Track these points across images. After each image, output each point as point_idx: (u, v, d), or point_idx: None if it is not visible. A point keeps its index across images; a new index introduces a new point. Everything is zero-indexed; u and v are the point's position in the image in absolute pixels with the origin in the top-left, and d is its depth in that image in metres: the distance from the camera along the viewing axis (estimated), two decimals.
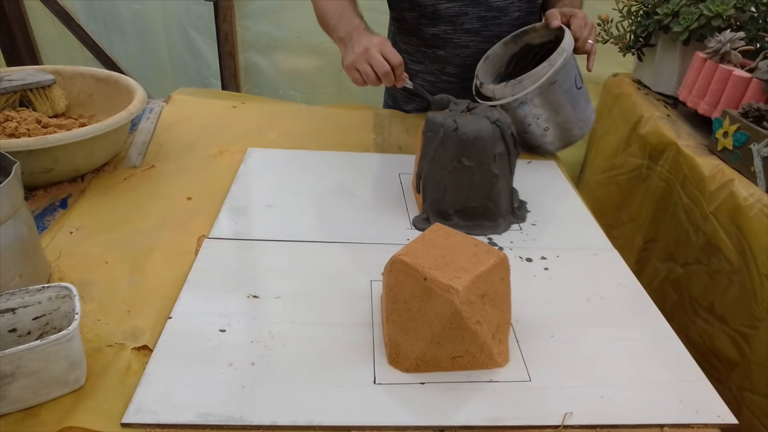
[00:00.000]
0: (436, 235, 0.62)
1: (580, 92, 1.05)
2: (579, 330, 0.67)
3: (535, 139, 1.07)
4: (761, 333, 0.87)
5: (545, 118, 1.03)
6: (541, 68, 0.97)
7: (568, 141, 1.09)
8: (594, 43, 1.02)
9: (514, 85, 0.98)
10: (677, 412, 0.57)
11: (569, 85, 1.02)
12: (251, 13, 2.09)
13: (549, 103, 1.01)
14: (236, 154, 1.03)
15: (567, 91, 1.01)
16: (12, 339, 0.56)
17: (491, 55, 1.09)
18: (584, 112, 1.07)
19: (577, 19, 1.00)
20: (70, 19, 2.10)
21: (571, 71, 1.01)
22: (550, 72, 0.96)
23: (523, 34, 1.08)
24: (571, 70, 1.02)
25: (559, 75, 0.98)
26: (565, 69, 0.99)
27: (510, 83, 0.99)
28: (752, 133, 0.96)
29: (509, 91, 0.99)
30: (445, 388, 0.58)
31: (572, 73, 1.02)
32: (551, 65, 0.96)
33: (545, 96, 1.00)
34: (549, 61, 0.96)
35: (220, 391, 0.56)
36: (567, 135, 1.07)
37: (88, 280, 0.69)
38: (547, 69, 0.96)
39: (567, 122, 1.05)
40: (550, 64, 0.96)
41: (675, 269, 1.11)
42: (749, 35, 1.18)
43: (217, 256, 0.76)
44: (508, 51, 1.10)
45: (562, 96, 1.01)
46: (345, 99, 2.13)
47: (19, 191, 0.62)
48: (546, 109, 1.02)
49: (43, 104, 0.99)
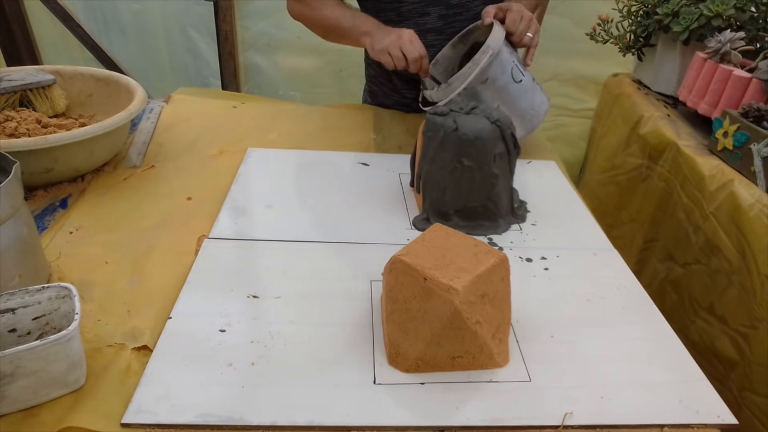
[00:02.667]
0: (436, 235, 0.62)
1: (521, 85, 1.02)
2: (579, 330, 0.67)
3: None
4: (761, 333, 0.87)
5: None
6: (467, 68, 0.96)
7: (523, 133, 1.05)
8: (534, 35, 1.01)
9: (445, 89, 0.98)
10: (677, 412, 0.57)
11: (505, 81, 0.99)
12: (251, 13, 2.09)
13: (487, 101, 0.99)
14: (236, 154, 1.03)
15: (503, 87, 0.99)
16: (12, 339, 0.56)
17: (441, 59, 1.09)
18: (531, 101, 1.04)
19: (512, 13, 0.99)
20: (70, 19, 2.09)
21: (505, 66, 0.99)
22: (476, 71, 0.95)
23: (469, 34, 1.07)
24: (506, 65, 0.99)
25: (490, 72, 0.96)
26: (496, 65, 0.97)
27: (441, 87, 0.98)
28: (752, 133, 0.96)
29: (441, 94, 0.99)
30: (445, 388, 0.58)
31: (507, 68, 0.99)
32: (476, 64, 0.95)
33: (479, 95, 0.98)
34: (474, 61, 0.95)
35: (220, 392, 0.56)
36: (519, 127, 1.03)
37: (88, 280, 0.69)
38: (473, 68, 0.95)
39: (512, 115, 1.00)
40: (475, 63, 0.95)
41: (675, 269, 1.11)
42: (749, 35, 1.18)
43: (217, 256, 0.76)
44: (458, 52, 1.10)
45: (498, 92, 0.99)
46: (345, 99, 2.13)
47: (19, 191, 0.62)
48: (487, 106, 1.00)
49: (43, 104, 0.99)
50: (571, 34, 1.81)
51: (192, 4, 2.09)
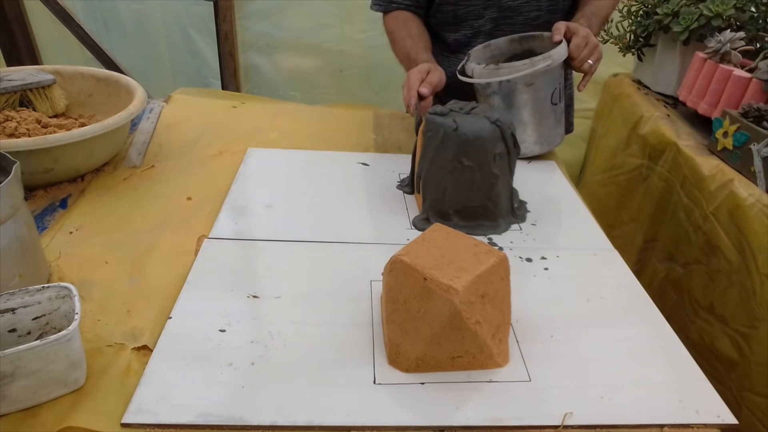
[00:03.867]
0: (436, 235, 0.62)
1: (554, 109, 1.03)
2: (579, 330, 0.67)
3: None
4: (761, 333, 0.87)
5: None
6: (522, 64, 0.95)
7: (537, 150, 1.06)
8: (594, 63, 1.00)
9: (492, 70, 0.97)
10: (677, 412, 0.57)
11: (545, 96, 1.00)
12: (251, 13, 2.09)
13: (517, 104, 0.99)
14: (236, 154, 1.03)
15: (540, 100, 1.00)
16: (12, 339, 0.56)
17: (493, 45, 1.09)
18: (551, 130, 1.05)
19: (577, 38, 0.99)
20: (70, 19, 2.09)
21: (553, 82, 1.00)
22: (529, 70, 0.95)
23: (530, 39, 1.07)
24: (554, 82, 1.00)
25: (538, 79, 0.97)
26: (547, 76, 0.97)
27: (489, 67, 0.98)
28: (752, 133, 0.96)
29: (486, 73, 0.98)
30: (445, 388, 0.58)
31: (553, 86, 1.00)
32: (533, 65, 0.95)
33: (516, 95, 0.98)
34: (532, 61, 0.95)
35: (220, 391, 0.56)
36: (523, 146, 1.03)
37: (87, 280, 0.69)
38: (527, 66, 0.95)
39: (527, 131, 1.03)
40: (532, 63, 0.95)
41: (675, 269, 1.11)
42: (749, 35, 1.18)
43: (217, 256, 0.76)
44: (511, 49, 1.09)
45: (533, 103, 0.99)
46: (345, 99, 2.14)
47: (19, 191, 0.62)
48: (513, 110, 1.00)
49: (43, 104, 0.99)
50: None
51: (192, 4, 2.10)
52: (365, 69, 2.14)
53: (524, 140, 1.04)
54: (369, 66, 2.12)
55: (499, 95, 1.00)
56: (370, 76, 2.15)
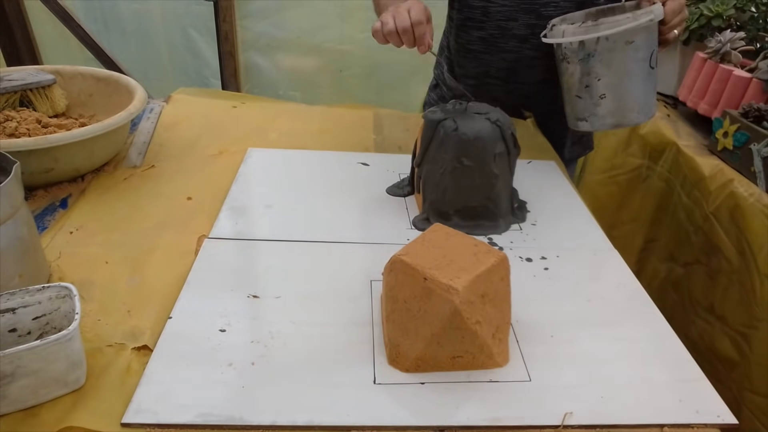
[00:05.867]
0: (436, 235, 0.62)
1: (652, 73, 0.93)
2: (579, 330, 0.67)
3: (587, 107, 0.95)
4: (761, 333, 0.87)
5: (606, 84, 0.92)
6: (624, 18, 0.86)
7: (619, 121, 0.96)
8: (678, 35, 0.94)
9: (589, 26, 0.88)
10: (677, 412, 0.57)
11: (645, 56, 0.90)
12: (251, 13, 2.09)
13: (617, 65, 0.90)
14: (236, 154, 1.03)
15: (641, 61, 0.90)
16: (12, 339, 0.56)
17: (569, 19, 1.01)
18: (649, 97, 0.94)
19: (674, 2, 0.90)
20: (70, 19, 2.10)
21: (652, 42, 0.91)
22: (631, 24, 0.85)
23: (609, 12, 0.98)
24: (653, 42, 0.91)
25: (639, 37, 0.87)
26: (648, 34, 0.88)
27: (586, 24, 0.89)
28: (752, 133, 0.96)
29: (582, 31, 0.89)
30: (445, 388, 0.58)
31: (652, 46, 0.90)
32: (636, 19, 0.85)
33: (616, 55, 0.89)
34: (634, 15, 0.86)
35: (220, 391, 0.56)
36: (621, 114, 0.94)
37: (88, 280, 0.69)
38: (629, 20, 0.85)
39: (628, 96, 0.93)
40: (635, 17, 0.85)
41: (675, 269, 1.11)
42: (749, 35, 1.18)
43: (217, 256, 0.76)
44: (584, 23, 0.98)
45: (634, 64, 0.90)
46: (345, 99, 2.14)
47: (19, 191, 0.62)
48: (611, 72, 0.91)
49: (43, 104, 0.99)
50: None
51: (192, 4, 2.10)
52: (365, 69, 2.14)
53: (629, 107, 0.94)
54: (369, 66, 2.13)
55: (596, 58, 0.90)
56: (370, 76, 2.15)
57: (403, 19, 0.84)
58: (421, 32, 0.85)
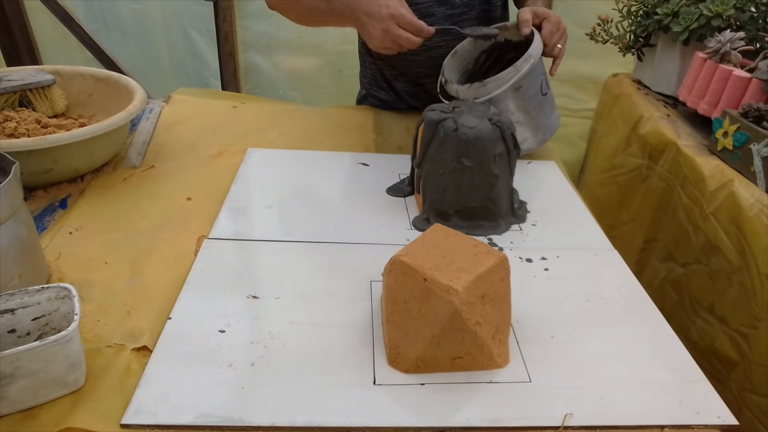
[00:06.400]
0: (436, 235, 0.62)
1: (545, 98, 1.03)
2: (579, 330, 0.67)
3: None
4: (761, 333, 0.87)
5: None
6: (507, 73, 0.95)
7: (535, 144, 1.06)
8: (562, 47, 1.01)
9: (478, 88, 0.96)
10: (677, 412, 0.57)
11: (534, 91, 1.00)
12: (251, 13, 2.09)
13: (509, 109, 0.99)
14: (236, 154, 1.03)
15: (531, 98, 1.00)
16: (11, 340, 0.56)
17: (460, 50, 1.08)
18: (547, 119, 1.06)
19: (549, 24, 0.98)
20: (70, 19, 2.10)
21: (537, 77, 0.99)
22: (515, 77, 0.94)
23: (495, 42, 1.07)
24: (538, 76, 1.00)
25: (525, 81, 0.96)
26: (532, 75, 0.97)
27: (474, 85, 0.97)
28: (752, 133, 0.96)
29: (472, 93, 0.98)
30: (445, 388, 0.58)
31: (539, 79, 1.00)
32: (517, 71, 0.94)
33: (507, 102, 0.98)
34: (515, 67, 0.94)
35: (219, 392, 0.56)
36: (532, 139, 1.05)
37: (87, 281, 0.69)
38: (512, 74, 0.94)
39: (525, 131, 1.03)
40: (516, 69, 0.94)
41: (675, 269, 1.11)
42: (749, 35, 1.18)
43: (217, 257, 0.76)
44: (477, 47, 1.09)
45: (525, 101, 0.99)
46: (345, 99, 2.13)
47: (19, 191, 0.62)
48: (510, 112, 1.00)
49: (42, 104, 0.99)
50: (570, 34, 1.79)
51: (192, 4, 2.10)
52: None
53: (526, 138, 1.03)
54: None
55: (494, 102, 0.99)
56: None
57: (408, 42, 0.90)
58: (426, 34, 0.91)
